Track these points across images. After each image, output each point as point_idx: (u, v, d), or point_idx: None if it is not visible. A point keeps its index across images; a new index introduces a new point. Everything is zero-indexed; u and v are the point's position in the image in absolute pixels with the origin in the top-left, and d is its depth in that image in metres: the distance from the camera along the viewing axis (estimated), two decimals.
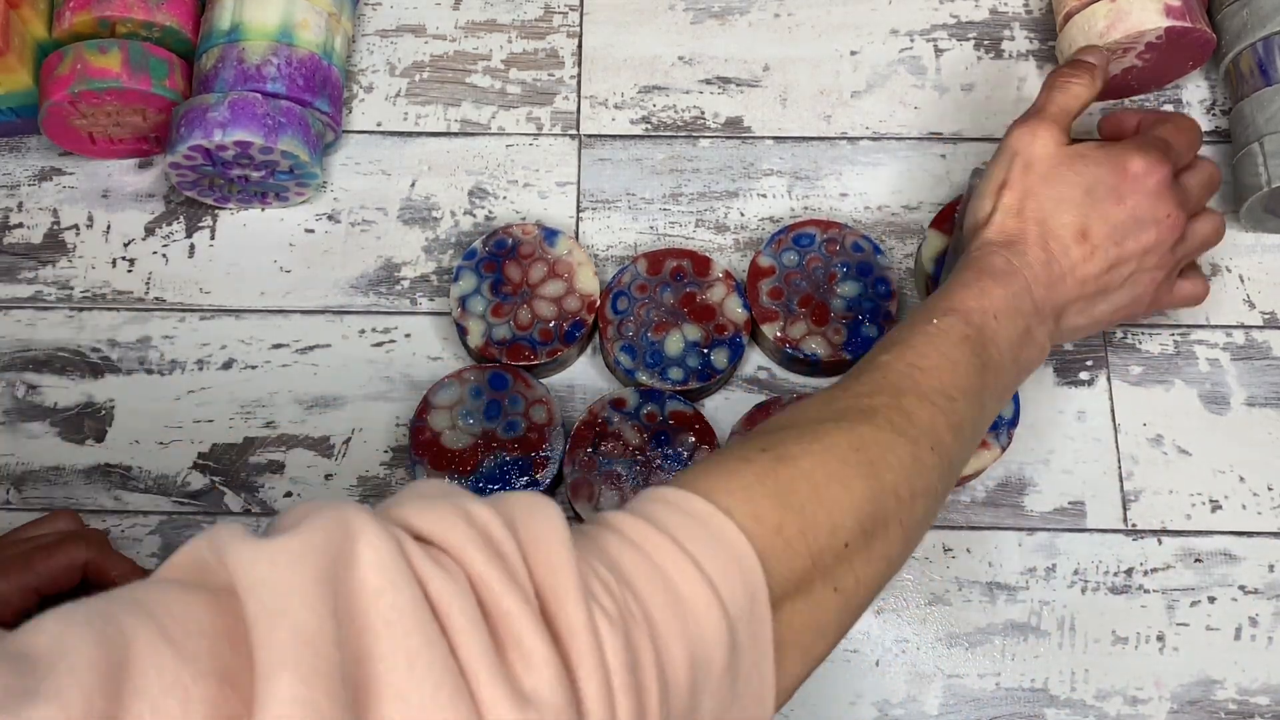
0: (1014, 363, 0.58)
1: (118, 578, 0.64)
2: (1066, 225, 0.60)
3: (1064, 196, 0.61)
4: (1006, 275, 0.59)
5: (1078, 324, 0.62)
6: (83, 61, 0.70)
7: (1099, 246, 0.60)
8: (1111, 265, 0.61)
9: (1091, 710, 0.66)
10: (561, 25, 0.82)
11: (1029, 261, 0.60)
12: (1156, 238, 0.62)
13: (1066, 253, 0.60)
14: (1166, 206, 0.62)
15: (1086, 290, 0.61)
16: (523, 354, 0.70)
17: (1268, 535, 0.70)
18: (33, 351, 0.73)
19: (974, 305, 0.57)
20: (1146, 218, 0.61)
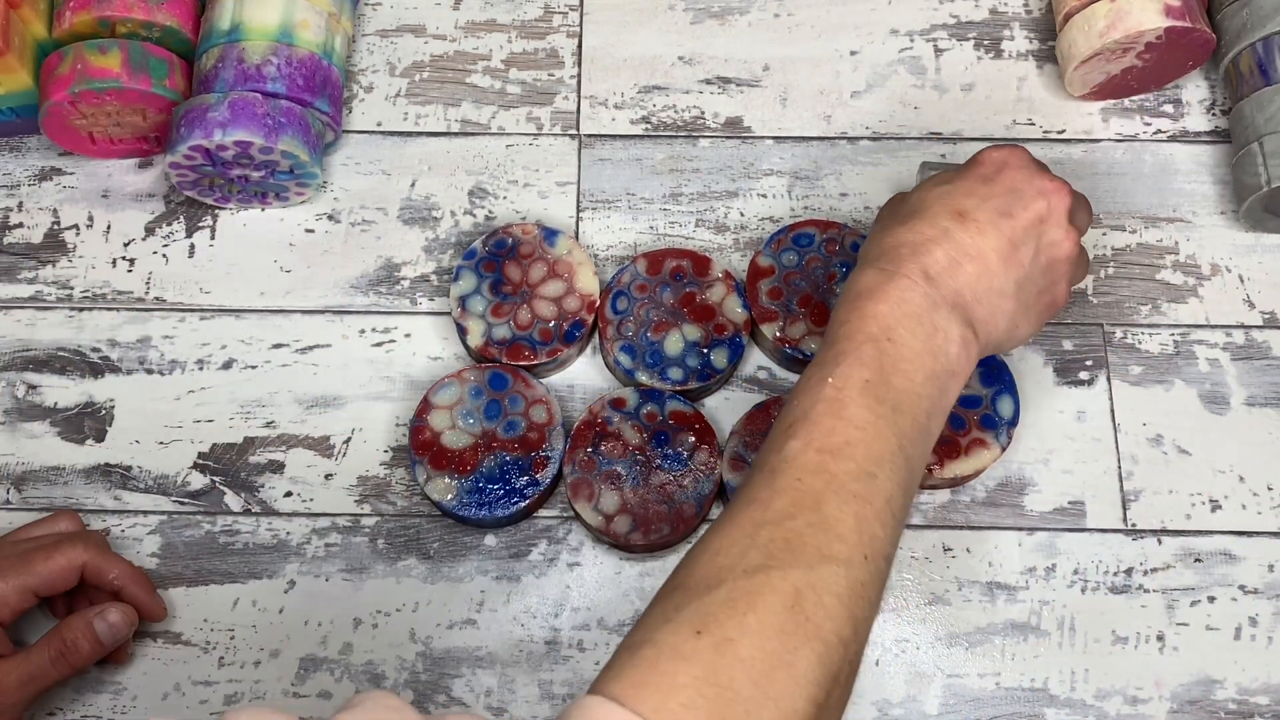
0: (930, 378, 0.54)
1: (115, 579, 0.64)
2: (938, 213, 0.57)
3: (923, 196, 0.59)
4: (883, 285, 0.55)
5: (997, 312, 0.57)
6: (83, 61, 0.70)
7: (984, 220, 0.57)
8: (1010, 241, 0.57)
9: (1091, 710, 0.66)
10: (561, 25, 0.82)
11: (905, 258, 0.56)
12: (1046, 207, 0.58)
13: (949, 235, 0.56)
14: (1045, 176, 0.59)
15: (991, 269, 0.57)
16: (523, 354, 0.70)
17: (1268, 535, 0.70)
18: (33, 351, 0.73)
19: (860, 337, 0.54)
20: (1027, 189, 0.58)
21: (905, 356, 0.54)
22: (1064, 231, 0.59)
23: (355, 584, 0.69)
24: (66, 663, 0.61)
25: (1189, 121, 0.79)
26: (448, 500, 0.67)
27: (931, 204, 0.58)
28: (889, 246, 0.57)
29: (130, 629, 0.63)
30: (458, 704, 0.66)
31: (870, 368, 0.53)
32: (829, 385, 0.53)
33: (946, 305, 0.55)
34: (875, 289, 0.55)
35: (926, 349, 0.54)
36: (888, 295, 0.55)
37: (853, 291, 0.56)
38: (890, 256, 0.56)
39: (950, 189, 0.58)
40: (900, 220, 0.58)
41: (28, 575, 0.62)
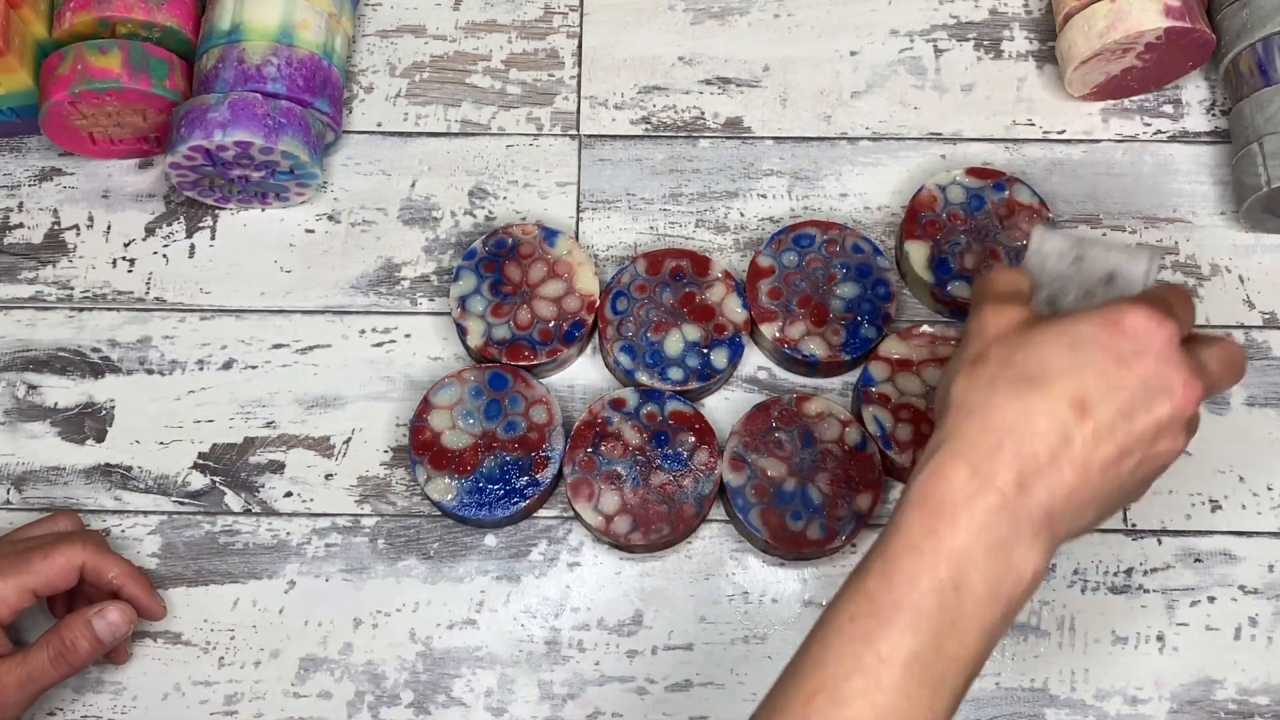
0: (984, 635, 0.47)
1: (114, 578, 0.64)
2: (1059, 393, 0.48)
3: (1048, 358, 0.49)
4: (971, 501, 0.47)
5: (1080, 526, 0.50)
6: (83, 62, 0.70)
7: (1105, 421, 0.48)
8: (1120, 451, 0.49)
9: (1091, 710, 0.66)
10: (561, 25, 0.82)
11: (1005, 459, 0.48)
12: (1171, 412, 0.50)
13: (1062, 430, 0.48)
14: (1181, 373, 0.50)
15: (1091, 481, 0.49)
16: (522, 354, 0.70)
17: (1268, 535, 0.70)
18: (33, 351, 0.73)
19: (926, 586, 0.46)
20: (1157, 385, 0.49)
21: (967, 610, 0.47)
22: (1175, 441, 0.51)
23: (355, 584, 0.69)
24: (66, 662, 0.61)
25: (1189, 122, 0.79)
26: (448, 500, 0.67)
27: (1055, 376, 0.49)
28: (991, 429, 0.48)
29: (129, 627, 0.63)
30: (457, 704, 0.66)
31: (923, 634, 0.46)
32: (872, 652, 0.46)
33: (1031, 529, 0.48)
34: (960, 507, 0.47)
35: (993, 595, 0.47)
36: (972, 520, 0.47)
37: (933, 496, 0.48)
38: (987, 450, 0.48)
39: (1081, 362, 0.49)
40: (1012, 389, 0.49)
41: (27, 575, 0.62)
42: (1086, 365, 0.49)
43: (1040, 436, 0.48)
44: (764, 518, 0.67)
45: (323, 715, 0.66)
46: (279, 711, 0.66)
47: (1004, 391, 0.49)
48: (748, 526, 0.67)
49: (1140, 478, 0.52)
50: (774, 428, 0.69)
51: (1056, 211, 0.76)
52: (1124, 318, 0.50)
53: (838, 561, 0.69)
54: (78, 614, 0.62)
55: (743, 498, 0.67)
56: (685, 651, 0.68)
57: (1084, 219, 0.76)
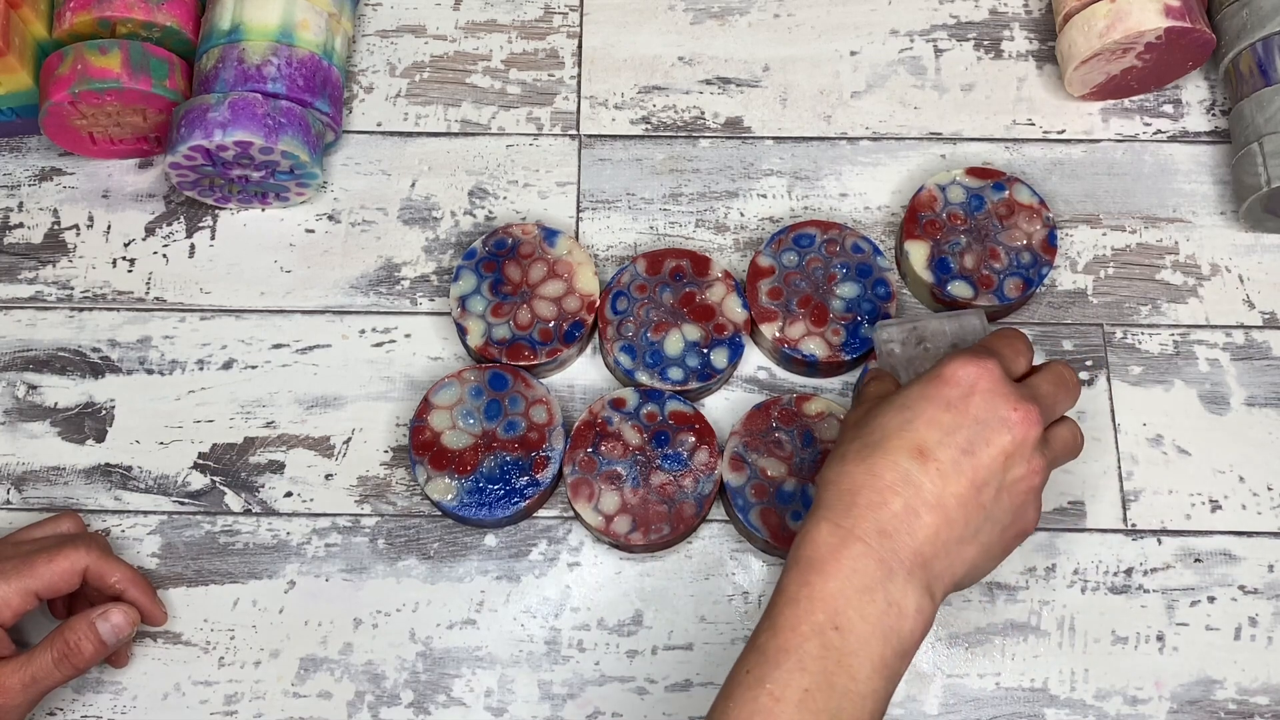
0: (879, 668, 0.51)
1: (117, 583, 0.64)
2: (896, 448, 0.53)
3: (884, 422, 0.54)
4: (835, 552, 0.52)
5: (958, 562, 0.54)
6: (83, 62, 0.70)
7: (948, 460, 0.53)
8: (971, 484, 0.53)
9: (1091, 710, 0.66)
10: (561, 25, 0.82)
11: (859, 513, 0.52)
12: (1012, 440, 0.54)
13: (909, 480, 0.53)
14: (1010, 402, 0.54)
15: (951, 519, 0.53)
16: (522, 354, 0.70)
17: (1268, 535, 0.70)
18: (33, 351, 0.73)
19: (805, 630, 0.50)
20: (990, 419, 0.54)
21: (851, 648, 0.51)
22: (1028, 466, 0.55)
23: (355, 584, 0.69)
24: (69, 664, 0.61)
25: (1189, 122, 0.79)
26: (448, 500, 0.67)
27: (892, 435, 0.54)
28: (845, 492, 0.53)
29: (132, 630, 0.63)
30: (458, 704, 0.66)
31: (811, 672, 0.50)
32: (766, 693, 0.50)
33: (903, 571, 0.52)
34: (827, 559, 0.52)
35: (877, 631, 0.51)
36: (840, 568, 0.52)
37: (803, 556, 0.53)
38: (845, 508, 0.53)
39: (912, 416, 0.54)
40: (858, 455, 0.54)
41: (30, 577, 0.62)
42: (918, 417, 0.54)
43: (890, 488, 0.53)
44: (764, 518, 0.67)
45: (323, 715, 0.66)
46: (279, 711, 0.66)
47: (851, 459, 0.54)
48: (748, 526, 0.67)
49: (1009, 506, 0.55)
50: (774, 428, 0.69)
51: (1056, 211, 0.76)
52: (944, 369, 0.55)
53: None
54: (81, 616, 0.62)
55: (743, 498, 0.67)
56: (685, 651, 0.68)
57: (1084, 219, 0.76)
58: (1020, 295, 0.72)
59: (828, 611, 0.51)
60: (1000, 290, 0.72)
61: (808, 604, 0.51)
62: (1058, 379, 0.59)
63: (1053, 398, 0.58)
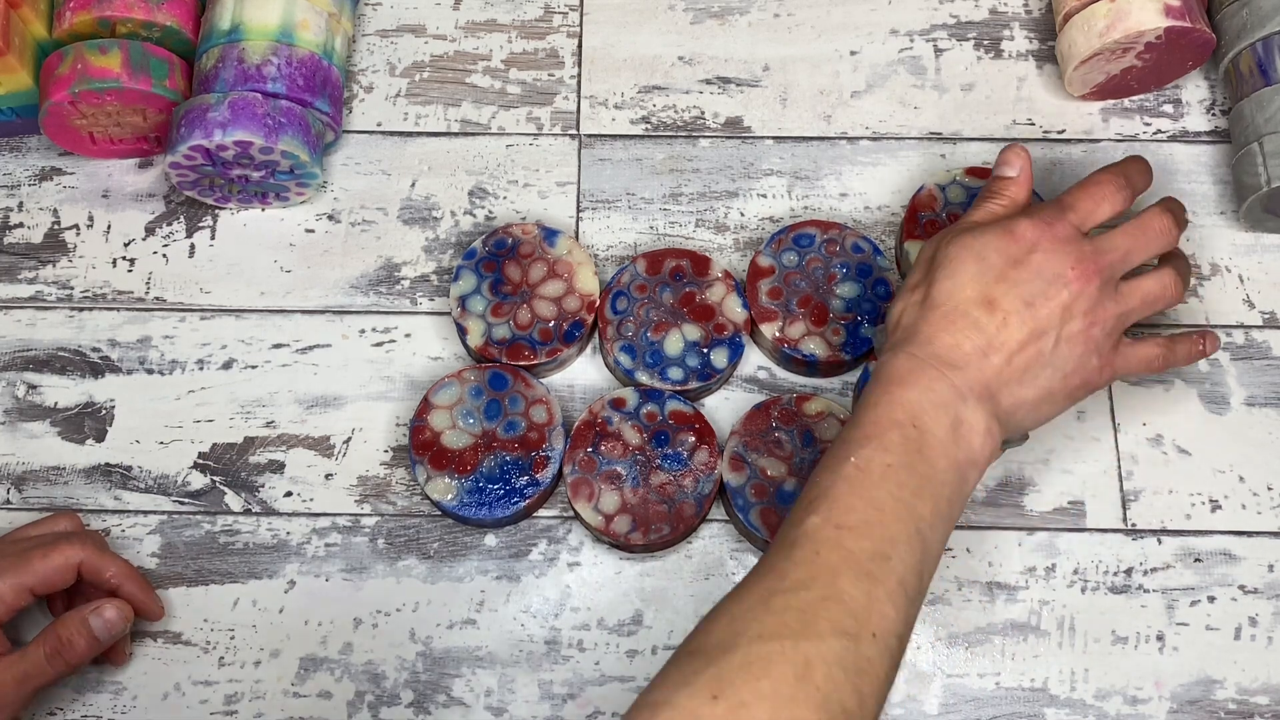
0: (953, 466, 0.56)
1: (112, 577, 0.64)
2: (969, 299, 0.59)
3: (958, 271, 0.59)
4: (913, 372, 0.57)
5: (1021, 401, 0.59)
6: (83, 61, 0.70)
7: (1011, 312, 0.58)
8: (1032, 333, 0.58)
9: (1091, 710, 0.66)
10: (561, 25, 0.82)
11: (936, 350, 0.58)
12: (1070, 295, 0.59)
13: (978, 327, 0.58)
14: (1070, 259, 0.59)
15: (1015, 363, 0.58)
16: (522, 354, 0.70)
17: (1268, 535, 0.70)
18: (33, 351, 0.73)
19: (886, 422, 0.55)
20: (1049, 273, 0.59)
21: (929, 444, 0.55)
22: (1087, 319, 0.60)
23: (355, 584, 0.69)
24: (62, 660, 0.61)
25: (1189, 121, 0.79)
26: (448, 500, 0.67)
27: (966, 284, 0.59)
28: (920, 331, 0.59)
29: (126, 625, 0.63)
30: (458, 704, 0.66)
31: (894, 453, 0.55)
32: (851, 464, 0.55)
33: (973, 396, 0.57)
34: (905, 376, 0.57)
35: (951, 438, 0.56)
36: (916, 382, 0.57)
37: (883, 375, 0.58)
38: (921, 342, 0.58)
39: (985, 268, 0.59)
40: (933, 301, 0.59)
41: (25, 574, 0.62)
42: (988, 270, 0.59)
43: (962, 332, 0.58)
44: (764, 518, 0.67)
45: (323, 715, 0.66)
46: (279, 711, 0.66)
47: (928, 306, 0.59)
48: (748, 526, 0.67)
49: (1069, 355, 0.59)
50: (774, 427, 0.69)
51: None
52: (1016, 225, 0.60)
53: None
54: (74, 611, 0.62)
55: (743, 498, 0.67)
56: None
57: None
58: None
59: (907, 413, 0.56)
60: None
61: (888, 406, 0.56)
62: (1137, 229, 0.63)
63: (1124, 249, 0.62)
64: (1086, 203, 0.62)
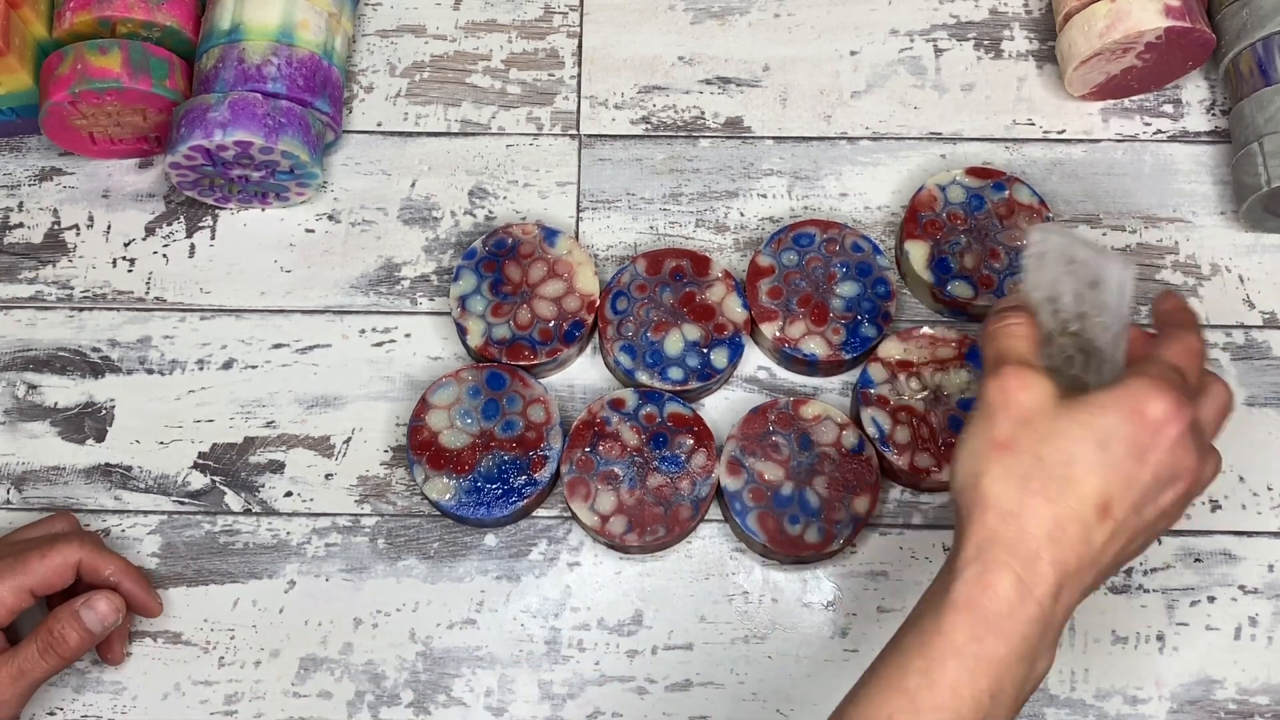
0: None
1: (111, 575, 0.64)
2: (1086, 498, 0.49)
3: (1076, 458, 0.49)
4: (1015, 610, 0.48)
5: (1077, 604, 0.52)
6: (83, 61, 0.70)
7: (1121, 519, 0.50)
8: (1130, 539, 0.51)
9: (1091, 710, 0.66)
10: (561, 25, 0.82)
11: (1043, 570, 0.48)
12: (1174, 498, 0.51)
13: (1088, 538, 0.49)
14: (1189, 459, 0.50)
15: (1104, 572, 0.51)
16: (522, 354, 0.70)
17: (1268, 535, 0.70)
18: (33, 351, 0.73)
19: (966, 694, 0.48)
20: (1166, 475, 0.50)
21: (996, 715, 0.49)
22: (1174, 515, 0.53)
23: (355, 584, 0.69)
24: (55, 653, 0.61)
25: (1189, 121, 0.79)
26: (446, 500, 0.67)
27: (1084, 477, 0.49)
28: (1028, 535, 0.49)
29: (118, 617, 0.63)
30: (458, 704, 0.66)
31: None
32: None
33: (1055, 633, 0.50)
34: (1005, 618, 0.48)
35: (1018, 696, 0.49)
36: (1014, 633, 0.48)
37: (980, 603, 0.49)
38: (1028, 559, 0.49)
39: (1105, 460, 0.49)
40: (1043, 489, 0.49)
41: (24, 574, 0.62)
42: (1112, 466, 0.49)
43: (1071, 545, 0.49)
44: (761, 522, 0.67)
45: (323, 715, 0.66)
46: (279, 711, 0.66)
47: (1038, 494, 0.49)
48: (745, 530, 0.67)
49: (1145, 543, 0.53)
50: (771, 431, 0.69)
51: (1056, 211, 0.76)
52: (1147, 407, 0.50)
53: (839, 562, 0.69)
54: (66, 605, 0.62)
55: (740, 501, 0.67)
56: (685, 651, 0.68)
57: (1084, 219, 0.76)
58: None
59: (991, 679, 0.48)
60: (1000, 290, 0.72)
61: (974, 665, 0.48)
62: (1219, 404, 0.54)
63: (1215, 425, 0.54)
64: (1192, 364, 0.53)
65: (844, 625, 0.68)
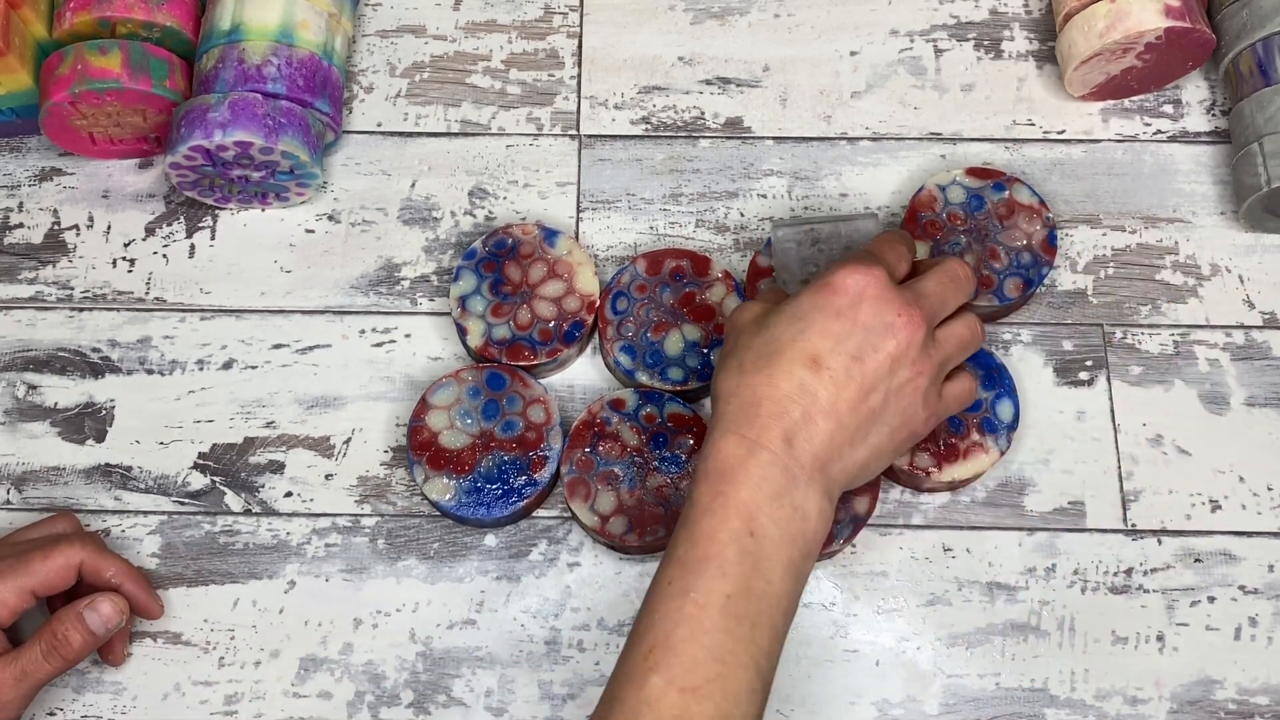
0: (789, 569, 0.54)
1: (112, 577, 0.64)
2: (792, 359, 0.56)
3: (778, 334, 0.57)
4: (744, 462, 0.54)
5: (851, 465, 0.57)
6: (83, 62, 0.70)
7: (839, 369, 0.55)
8: (861, 389, 0.56)
9: (1091, 710, 0.66)
10: (561, 25, 0.82)
11: (763, 423, 0.55)
12: (897, 345, 0.57)
13: (805, 389, 0.55)
14: (894, 307, 0.57)
15: (844, 423, 0.56)
16: (522, 354, 0.70)
17: (1268, 535, 0.70)
18: (33, 351, 0.73)
19: (724, 537, 0.53)
20: (876, 325, 0.57)
21: (766, 552, 0.53)
22: (914, 369, 0.58)
23: (355, 584, 0.69)
24: (59, 655, 0.61)
25: (1189, 122, 0.79)
26: (446, 500, 0.67)
27: (786, 346, 0.56)
28: (746, 403, 0.56)
29: (121, 619, 0.63)
30: (458, 704, 0.66)
31: (732, 578, 0.52)
32: (690, 601, 0.52)
33: (804, 476, 0.55)
34: (736, 468, 0.54)
35: (786, 535, 0.54)
36: (749, 476, 0.54)
37: (714, 467, 0.55)
38: (748, 419, 0.55)
39: (805, 327, 0.57)
40: (755, 366, 0.57)
41: (25, 576, 0.62)
42: (810, 327, 0.56)
43: (788, 398, 0.55)
44: None
45: (323, 715, 0.66)
46: (279, 711, 0.66)
47: (750, 370, 0.57)
48: None
49: (897, 409, 0.58)
50: None
51: (1056, 211, 0.76)
52: (833, 278, 0.57)
53: (839, 562, 0.69)
54: (69, 607, 0.62)
55: None
56: None
57: (1084, 219, 0.76)
58: (1020, 295, 0.72)
59: (742, 518, 0.53)
60: (1000, 290, 0.72)
61: (723, 512, 0.54)
62: (945, 276, 0.61)
63: (939, 296, 0.60)
64: (891, 255, 0.61)
65: (844, 625, 0.68)
